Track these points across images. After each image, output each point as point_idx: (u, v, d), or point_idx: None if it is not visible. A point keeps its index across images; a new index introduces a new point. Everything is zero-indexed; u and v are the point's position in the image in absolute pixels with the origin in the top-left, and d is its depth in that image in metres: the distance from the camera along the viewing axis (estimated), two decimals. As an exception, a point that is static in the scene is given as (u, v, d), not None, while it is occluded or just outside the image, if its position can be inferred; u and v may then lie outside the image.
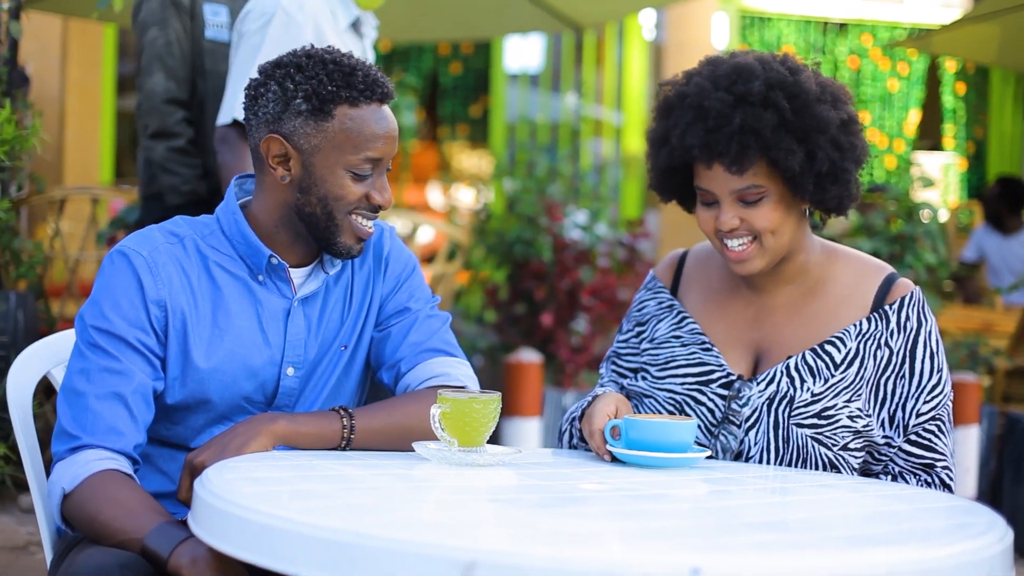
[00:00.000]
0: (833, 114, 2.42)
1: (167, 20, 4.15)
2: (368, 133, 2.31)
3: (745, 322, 2.56)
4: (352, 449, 2.30)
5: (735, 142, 2.38)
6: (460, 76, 10.99)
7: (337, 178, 2.32)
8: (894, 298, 2.50)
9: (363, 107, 2.31)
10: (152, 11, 4.17)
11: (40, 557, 4.54)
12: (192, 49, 4.18)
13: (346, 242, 2.36)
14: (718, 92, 2.41)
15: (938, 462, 2.48)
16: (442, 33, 8.62)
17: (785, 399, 2.45)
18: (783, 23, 10.80)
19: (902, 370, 2.47)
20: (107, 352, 2.27)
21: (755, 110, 2.39)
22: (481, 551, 1.55)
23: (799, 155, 2.38)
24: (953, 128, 11.25)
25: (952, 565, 1.68)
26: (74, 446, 2.23)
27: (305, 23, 3.72)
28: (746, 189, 2.42)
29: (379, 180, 2.36)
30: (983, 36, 7.17)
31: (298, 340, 2.41)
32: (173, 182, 4.12)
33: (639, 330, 2.68)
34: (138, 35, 4.21)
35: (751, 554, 1.64)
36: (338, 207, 2.33)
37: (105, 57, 9.26)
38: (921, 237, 6.19)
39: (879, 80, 11.01)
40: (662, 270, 2.73)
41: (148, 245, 2.35)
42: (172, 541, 2.04)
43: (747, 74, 2.42)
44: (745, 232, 2.44)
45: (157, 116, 4.14)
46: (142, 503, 2.17)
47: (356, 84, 2.31)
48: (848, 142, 2.43)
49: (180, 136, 4.13)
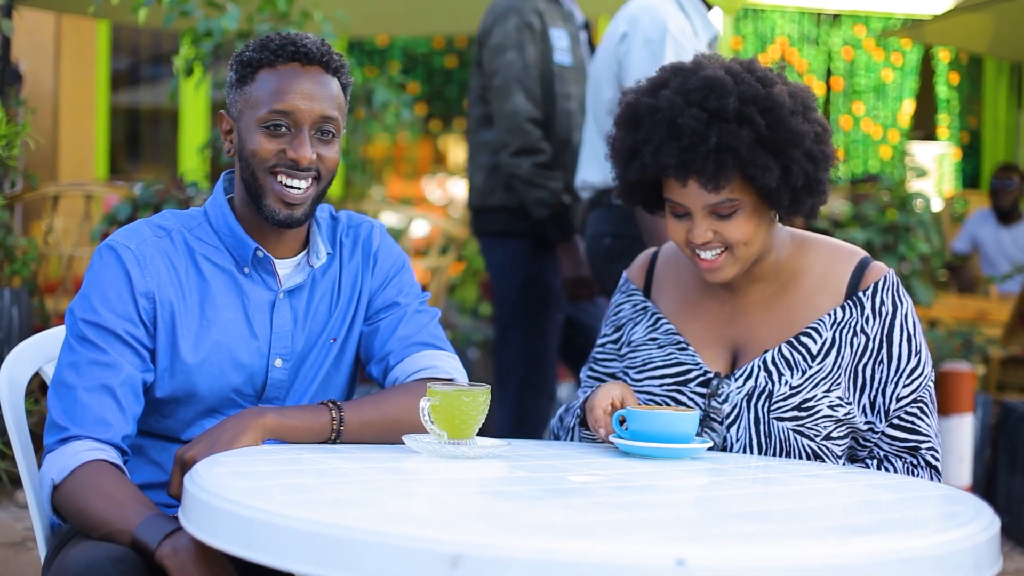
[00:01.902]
0: (807, 127, 2.40)
1: (523, 43, 4.35)
2: (277, 88, 2.35)
3: (720, 320, 2.56)
4: (342, 442, 2.31)
5: (712, 161, 2.36)
6: (455, 70, 10.98)
7: (253, 135, 2.37)
8: (867, 284, 2.50)
9: (280, 68, 2.36)
10: (508, 34, 4.36)
11: (36, 552, 4.55)
12: (543, 72, 4.38)
13: (271, 205, 2.37)
14: (691, 108, 2.38)
15: (923, 443, 2.48)
16: (438, 27, 8.62)
17: (764, 394, 2.46)
18: (777, 14, 10.79)
19: (880, 355, 2.48)
20: (95, 345, 2.30)
21: (730, 127, 2.37)
22: (466, 544, 1.56)
23: (775, 172, 2.38)
24: (947, 118, 11.25)
25: (938, 554, 1.68)
26: (63, 437, 2.26)
27: (688, 48, 3.81)
28: (720, 204, 2.41)
29: (298, 137, 2.36)
30: (976, 26, 7.18)
31: (285, 332, 2.42)
32: (542, 196, 4.33)
33: (617, 335, 2.69)
34: (490, 57, 4.38)
35: (736, 544, 1.65)
36: (257, 165, 2.37)
37: (99, 53, 9.26)
38: (915, 227, 6.20)
39: (873, 71, 11.01)
40: (635, 272, 2.73)
41: (136, 238, 2.37)
42: (160, 532, 2.05)
43: (720, 89, 2.39)
44: (718, 244, 2.44)
45: (520, 135, 4.34)
46: (130, 495, 2.18)
47: (272, 48, 2.37)
48: (821, 152, 2.43)
49: (543, 152, 4.34)
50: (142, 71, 10.32)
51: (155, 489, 2.38)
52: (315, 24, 4.83)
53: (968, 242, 8.70)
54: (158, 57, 10.15)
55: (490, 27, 4.41)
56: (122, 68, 9.94)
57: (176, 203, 4.85)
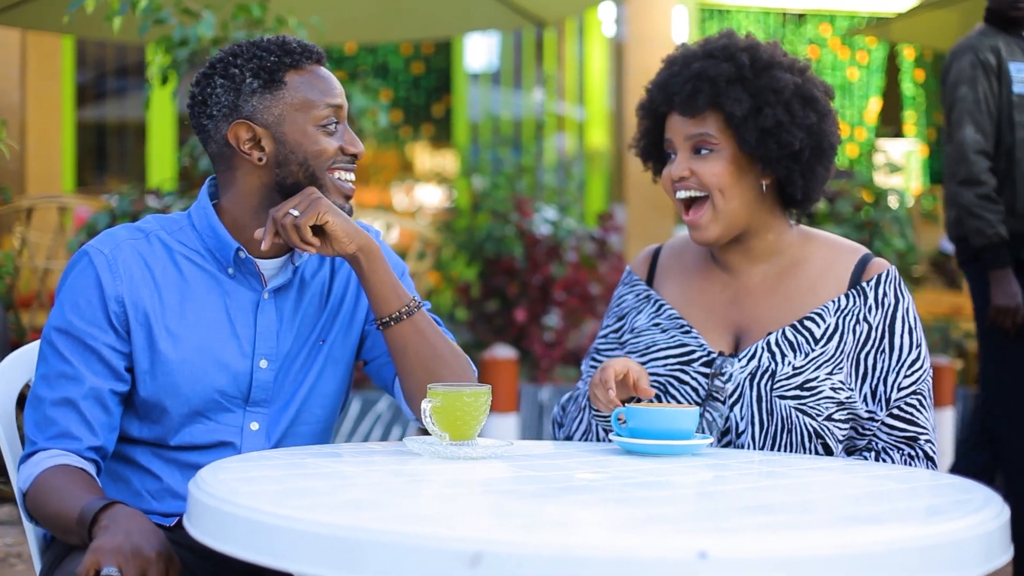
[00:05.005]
0: (791, 79, 2.52)
1: (976, 79, 4.60)
2: (322, 87, 2.39)
3: (723, 304, 2.60)
4: (391, 337, 2.39)
5: (689, 85, 2.51)
6: (422, 76, 10.97)
7: (311, 137, 2.37)
8: (871, 275, 2.55)
9: (307, 68, 2.39)
10: (962, 71, 4.62)
11: (20, 568, 4.51)
12: (999, 105, 4.62)
13: (336, 201, 2.39)
14: (693, 48, 2.58)
15: (921, 435, 2.50)
16: (404, 33, 8.60)
17: (767, 373, 2.48)
18: (742, 15, 10.83)
19: (882, 344, 2.51)
20: (63, 356, 2.31)
21: (715, 61, 2.52)
22: (486, 542, 1.55)
23: (746, 105, 2.49)
24: (914, 115, 11.32)
25: (953, 541, 1.68)
26: (31, 452, 2.29)
27: None
28: (698, 136, 2.52)
29: (347, 132, 2.42)
30: (940, 23, 7.22)
31: (269, 332, 2.41)
32: (979, 226, 4.52)
33: (619, 324, 2.71)
34: (948, 92, 4.66)
35: (756, 535, 1.65)
36: (319, 165, 2.38)
37: (64, 68, 9.22)
38: (888, 223, 6.23)
39: (839, 69, 11.06)
40: (638, 265, 2.77)
41: (110, 243, 2.37)
42: (99, 504, 2.10)
43: (727, 35, 2.58)
44: (695, 185, 2.53)
45: (966, 165, 4.54)
46: (82, 486, 2.20)
47: (293, 50, 2.38)
48: (803, 113, 2.51)
49: (986, 184, 4.54)
50: (108, 84, 10.28)
51: (151, 496, 2.36)
52: (290, 30, 4.81)
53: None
54: (123, 70, 10.11)
55: (948, 65, 4.70)
56: (87, 81, 9.89)
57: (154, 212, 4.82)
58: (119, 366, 2.33)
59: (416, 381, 2.39)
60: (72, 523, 2.12)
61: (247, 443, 2.40)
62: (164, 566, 2.01)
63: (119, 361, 2.33)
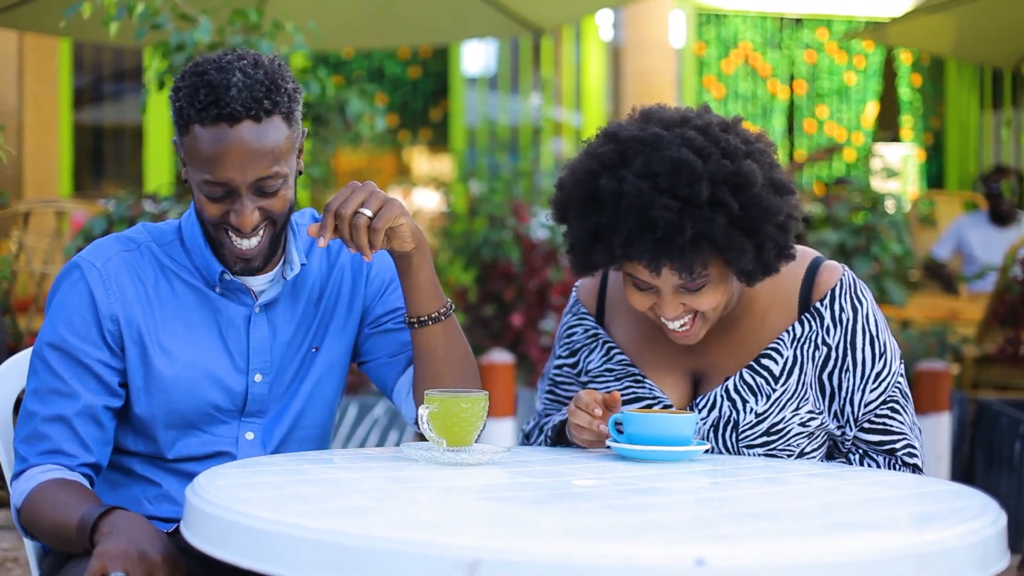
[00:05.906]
0: (777, 201, 2.31)
1: None
2: (209, 156, 2.20)
3: (676, 349, 2.48)
4: (421, 341, 2.39)
5: (688, 250, 2.26)
6: (419, 80, 10.97)
7: (197, 192, 2.27)
8: (823, 292, 2.44)
9: (209, 127, 2.19)
10: None
11: (18, 573, 4.50)
12: None
13: (227, 257, 2.31)
14: (661, 197, 2.24)
15: (898, 443, 2.44)
16: (402, 39, 8.61)
17: (730, 424, 2.42)
18: (739, 19, 10.84)
19: (845, 363, 2.43)
20: (55, 372, 2.29)
21: (704, 214, 2.25)
22: (485, 549, 1.55)
23: (750, 253, 2.30)
24: (910, 120, 11.32)
25: (950, 548, 1.69)
26: (22, 468, 2.27)
27: None
28: (692, 282, 2.33)
29: (237, 202, 2.23)
30: (937, 27, 7.22)
31: (263, 346, 2.39)
32: None
33: (573, 360, 2.61)
34: None
35: (753, 542, 1.65)
36: (206, 220, 2.29)
37: (61, 71, 9.22)
38: (886, 228, 6.23)
39: (836, 74, 11.06)
40: (585, 294, 2.62)
41: (103, 256, 2.34)
42: (98, 511, 2.09)
43: (689, 173, 2.25)
44: (687, 313, 2.38)
45: None
46: (78, 496, 2.19)
47: (198, 101, 2.19)
48: (791, 221, 2.35)
49: None
50: (105, 88, 10.28)
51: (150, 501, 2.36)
52: (287, 35, 4.81)
53: (950, 249, 8.54)
54: (120, 74, 10.11)
55: None
56: (85, 85, 9.90)
57: (151, 218, 4.81)
58: (113, 382, 2.32)
59: (443, 385, 2.38)
60: (72, 532, 2.11)
61: (243, 452, 2.40)
62: (170, 569, 2.01)
63: (113, 377, 2.32)
